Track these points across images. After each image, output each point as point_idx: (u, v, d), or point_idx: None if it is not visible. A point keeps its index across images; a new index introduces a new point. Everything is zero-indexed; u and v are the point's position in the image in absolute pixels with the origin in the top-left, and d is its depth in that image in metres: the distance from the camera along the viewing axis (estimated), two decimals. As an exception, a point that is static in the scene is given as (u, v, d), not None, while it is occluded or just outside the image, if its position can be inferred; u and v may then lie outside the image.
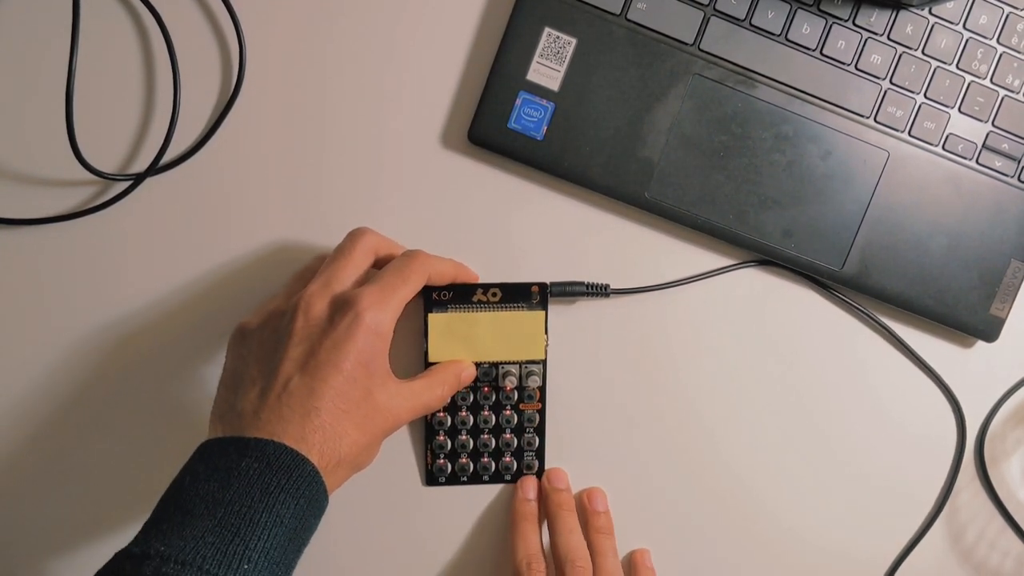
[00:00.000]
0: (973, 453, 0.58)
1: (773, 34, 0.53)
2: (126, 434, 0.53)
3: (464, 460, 0.54)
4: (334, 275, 0.47)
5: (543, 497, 0.54)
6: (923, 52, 0.53)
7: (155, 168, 0.51)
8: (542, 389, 0.54)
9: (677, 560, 0.57)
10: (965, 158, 0.54)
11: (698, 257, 0.55)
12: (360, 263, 0.48)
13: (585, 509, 0.55)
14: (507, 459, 0.54)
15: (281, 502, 0.40)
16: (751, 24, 0.53)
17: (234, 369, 0.47)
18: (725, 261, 0.55)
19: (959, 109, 0.54)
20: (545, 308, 0.52)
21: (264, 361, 0.45)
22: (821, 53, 0.53)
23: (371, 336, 0.44)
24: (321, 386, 0.43)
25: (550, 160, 0.53)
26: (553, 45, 0.52)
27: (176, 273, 0.53)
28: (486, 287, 0.52)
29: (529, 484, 0.54)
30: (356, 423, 0.44)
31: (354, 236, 0.49)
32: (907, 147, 0.54)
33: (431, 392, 0.49)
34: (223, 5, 0.51)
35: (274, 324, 0.46)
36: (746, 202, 0.53)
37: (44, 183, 0.52)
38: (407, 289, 0.47)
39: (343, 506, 0.54)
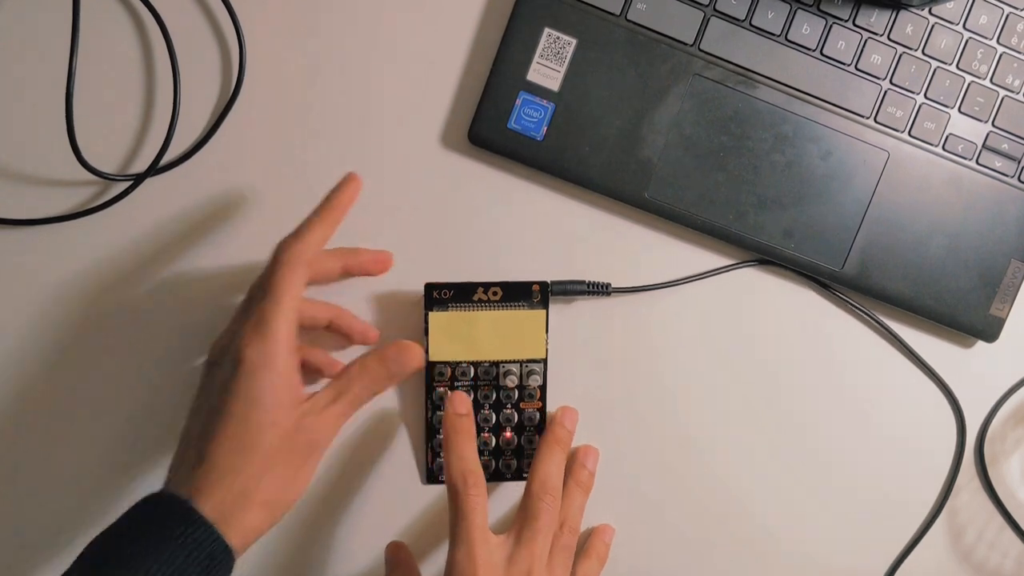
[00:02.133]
0: (973, 453, 0.58)
1: (773, 34, 0.53)
2: (126, 432, 0.53)
3: (464, 459, 0.54)
4: (233, 322, 0.48)
5: (547, 426, 0.54)
6: (923, 52, 0.54)
7: (155, 168, 0.51)
8: (543, 388, 0.54)
9: (675, 559, 0.57)
10: (965, 158, 0.54)
11: (698, 257, 0.55)
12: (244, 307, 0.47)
13: (574, 460, 0.54)
14: (508, 458, 0.54)
15: (152, 553, 0.40)
16: (751, 24, 0.53)
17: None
18: (725, 261, 0.55)
19: (959, 109, 0.54)
20: (546, 307, 0.52)
21: (190, 412, 0.47)
22: (821, 53, 0.53)
23: (258, 371, 0.43)
24: (214, 431, 0.43)
25: (550, 160, 0.53)
26: (553, 45, 0.52)
27: (176, 273, 0.53)
28: (487, 286, 0.52)
29: (460, 398, 0.51)
30: (260, 461, 0.43)
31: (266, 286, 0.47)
32: (907, 147, 0.54)
33: (350, 401, 0.47)
34: (223, 5, 0.51)
35: (202, 373, 0.48)
36: (746, 202, 0.53)
37: (44, 183, 0.52)
38: (281, 307, 0.44)
39: (344, 505, 0.54)
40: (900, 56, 0.53)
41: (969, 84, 0.54)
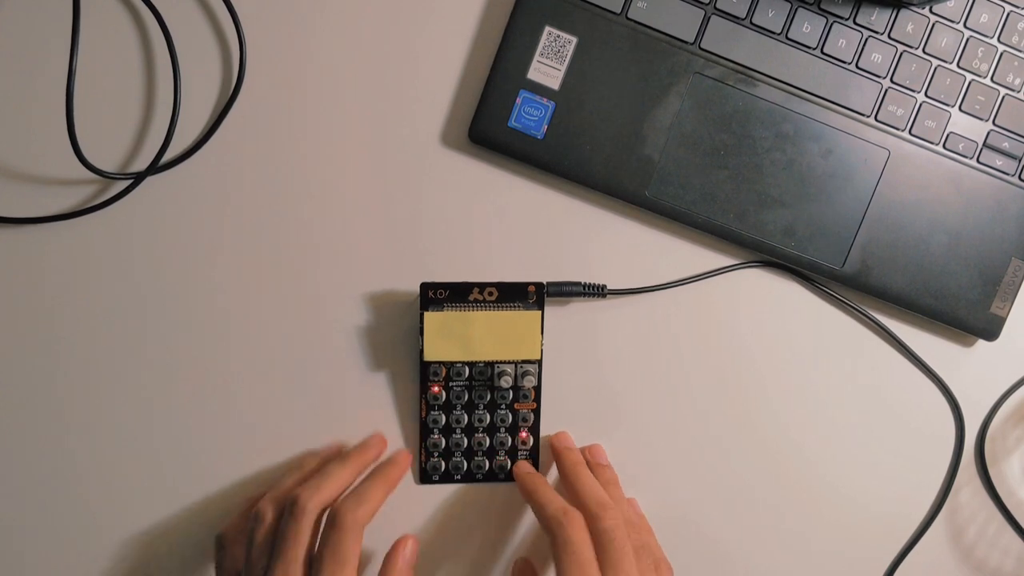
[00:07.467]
0: (973, 452, 0.58)
1: (774, 33, 0.53)
2: (124, 434, 0.53)
3: (458, 458, 0.54)
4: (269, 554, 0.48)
5: (556, 456, 0.54)
6: (924, 51, 0.53)
7: (155, 167, 0.51)
8: (537, 389, 0.54)
9: (672, 561, 0.57)
10: (966, 157, 0.54)
11: (698, 256, 0.55)
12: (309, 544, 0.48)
13: (590, 464, 0.55)
14: (501, 458, 0.54)
15: None
16: (752, 23, 0.53)
17: None
18: (725, 260, 0.55)
19: (960, 108, 0.54)
20: (541, 308, 0.52)
21: None
22: (822, 52, 0.53)
23: None
24: None
25: (550, 159, 0.53)
26: (554, 44, 0.52)
27: (177, 272, 0.53)
28: (483, 286, 0.52)
29: (523, 465, 0.54)
30: None
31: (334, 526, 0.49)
32: (908, 146, 0.54)
33: None
34: (223, 4, 0.51)
35: None
36: (747, 201, 0.53)
37: (45, 182, 0.52)
38: (350, 567, 0.47)
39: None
40: (901, 55, 0.53)
41: (970, 83, 0.54)
